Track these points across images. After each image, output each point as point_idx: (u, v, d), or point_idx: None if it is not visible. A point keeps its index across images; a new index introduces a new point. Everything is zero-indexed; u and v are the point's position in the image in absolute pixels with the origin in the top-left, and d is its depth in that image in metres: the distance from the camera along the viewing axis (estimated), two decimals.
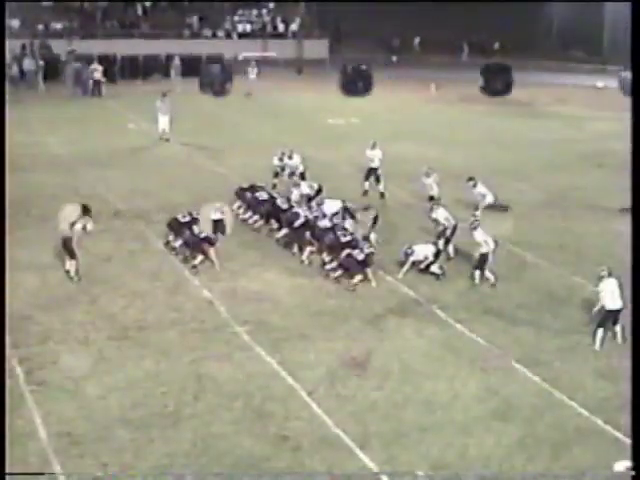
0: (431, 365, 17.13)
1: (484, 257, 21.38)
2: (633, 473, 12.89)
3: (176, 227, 22.92)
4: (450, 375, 16.70)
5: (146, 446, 14.09)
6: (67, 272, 20.99)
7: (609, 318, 17.99)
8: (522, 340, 18.29)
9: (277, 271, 21.95)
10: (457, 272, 22.12)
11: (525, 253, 23.73)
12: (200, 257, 21.90)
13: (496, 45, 74.71)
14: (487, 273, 21.47)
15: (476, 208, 25.77)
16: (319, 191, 26.26)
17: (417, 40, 76.10)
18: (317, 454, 13.98)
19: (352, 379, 16.40)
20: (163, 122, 37.64)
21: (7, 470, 12.65)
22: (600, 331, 17.93)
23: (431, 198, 27.17)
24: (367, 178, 28.89)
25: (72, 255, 21.00)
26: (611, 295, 17.87)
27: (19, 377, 16.17)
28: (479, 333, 18.54)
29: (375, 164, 28.91)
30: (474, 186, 26.30)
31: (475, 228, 21.61)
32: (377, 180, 28.76)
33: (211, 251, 21.92)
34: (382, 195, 28.55)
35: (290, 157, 28.36)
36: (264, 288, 20.85)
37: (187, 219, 22.71)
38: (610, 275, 18.06)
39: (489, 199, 26.30)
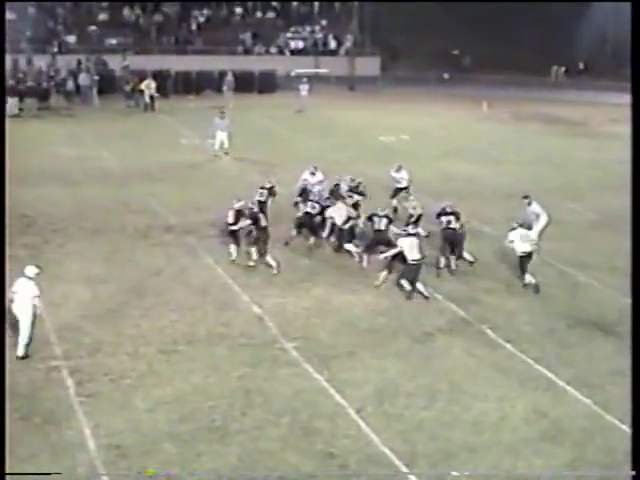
0: (480, 385, 17.01)
1: (522, 259, 22.22)
2: (633, 473, 12.79)
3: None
4: (499, 396, 16.58)
5: (193, 460, 14.12)
6: None
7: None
8: (573, 362, 18.12)
9: (326, 287, 21.95)
10: (508, 293, 22.01)
11: (576, 273, 23.55)
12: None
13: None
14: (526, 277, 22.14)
15: (529, 227, 25.10)
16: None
17: (468, 59, 75.70)
18: (364, 472, 13.93)
19: (400, 398, 16.34)
20: (221, 138, 37.85)
21: (7, 470, 12.75)
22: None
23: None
24: (394, 196, 28.82)
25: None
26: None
27: (69, 388, 16.30)
28: (529, 354, 18.40)
29: (403, 184, 28.88)
30: (529, 204, 25.71)
31: (513, 229, 22.51)
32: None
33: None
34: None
35: (313, 173, 28.29)
36: (313, 304, 20.86)
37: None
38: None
39: (543, 219, 25.57)
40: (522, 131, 48.03)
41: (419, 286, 21.41)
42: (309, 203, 25.21)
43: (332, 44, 71.28)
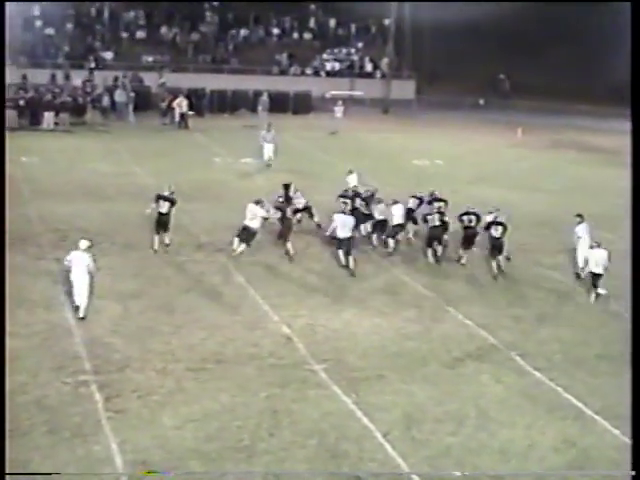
0: (508, 412, 16.92)
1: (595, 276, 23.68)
2: (633, 473, 12.67)
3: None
4: (527, 424, 16.49)
5: (219, 479, 14.11)
6: None
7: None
8: (602, 391, 18.00)
9: (356, 310, 21.95)
10: (538, 320, 21.92)
11: (608, 303, 23.39)
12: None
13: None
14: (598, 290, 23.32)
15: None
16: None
17: (507, 84, 75.50)
18: None
19: (428, 423, 16.27)
20: (268, 150, 40.32)
21: (7, 470, 12.79)
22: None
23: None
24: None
25: None
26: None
27: (98, 403, 16.36)
28: (558, 382, 18.30)
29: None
30: (579, 223, 25.89)
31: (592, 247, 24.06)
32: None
33: None
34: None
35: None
36: (343, 327, 20.84)
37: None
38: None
39: (584, 243, 25.63)
40: (556, 159, 47.82)
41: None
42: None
43: (368, 66, 71.45)
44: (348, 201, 27.30)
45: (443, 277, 25.19)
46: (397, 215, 26.87)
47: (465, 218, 26.22)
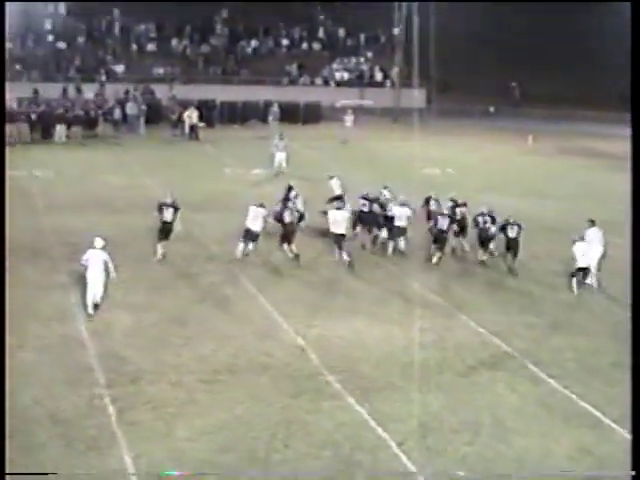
0: (523, 421, 16.84)
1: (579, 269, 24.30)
2: (633, 473, 12.59)
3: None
4: (542, 432, 16.40)
5: None
6: None
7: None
8: (618, 399, 17.85)
9: (369, 319, 21.90)
10: (551, 328, 21.84)
11: (621, 310, 23.27)
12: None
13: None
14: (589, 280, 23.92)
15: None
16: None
17: (517, 92, 75.39)
18: None
19: (443, 432, 16.20)
20: (280, 158, 41.37)
21: (7, 470, 12.76)
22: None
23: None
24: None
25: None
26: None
27: (112, 416, 16.33)
28: (573, 390, 18.20)
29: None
30: (589, 227, 25.87)
31: (574, 242, 24.47)
32: None
33: None
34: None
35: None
36: (356, 336, 20.79)
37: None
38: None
39: (595, 249, 25.56)
40: (567, 165, 47.79)
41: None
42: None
43: (378, 76, 71.47)
44: (367, 202, 28.39)
45: (455, 284, 25.16)
46: (402, 217, 27.58)
47: (480, 219, 27.00)
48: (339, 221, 26.68)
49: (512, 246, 26.13)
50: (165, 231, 26.08)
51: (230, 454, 15.13)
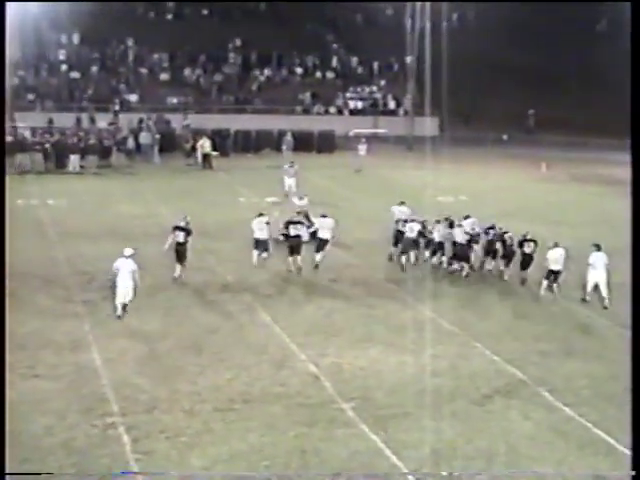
0: (538, 449, 16.78)
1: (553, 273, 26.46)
2: (633, 473, 12.51)
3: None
4: (558, 459, 16.35)
5: None
6: None
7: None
8: None
9: (382, 347, 21.88)
10: (566, 355, 21.78)
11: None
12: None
13: None
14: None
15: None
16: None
17: (531, 120, 75.32)
18: None
19: (457, 460, 16.15)
20: (289, 183, 42.49)
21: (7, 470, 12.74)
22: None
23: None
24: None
25: None
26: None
27: (126, 445, 16.33)
28: (588, 417, 18.14)
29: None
30: (595, 251, 26.34)
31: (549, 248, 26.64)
32: None
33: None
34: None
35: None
36: (369, 365, 20.77)
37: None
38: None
39: (596, 271, 26.12)
40: (581, 192, 47.73)
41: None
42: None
43: (391, 104, 71.67)
44: (405, 223, 30.08)
45: (469, 313, 25.11)
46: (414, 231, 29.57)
47: (491, 232, 29.17)
48: (325, 228, 29.10)
49: (527, 261, 27.75)
50: (180, 252, 26.97)
51: None
